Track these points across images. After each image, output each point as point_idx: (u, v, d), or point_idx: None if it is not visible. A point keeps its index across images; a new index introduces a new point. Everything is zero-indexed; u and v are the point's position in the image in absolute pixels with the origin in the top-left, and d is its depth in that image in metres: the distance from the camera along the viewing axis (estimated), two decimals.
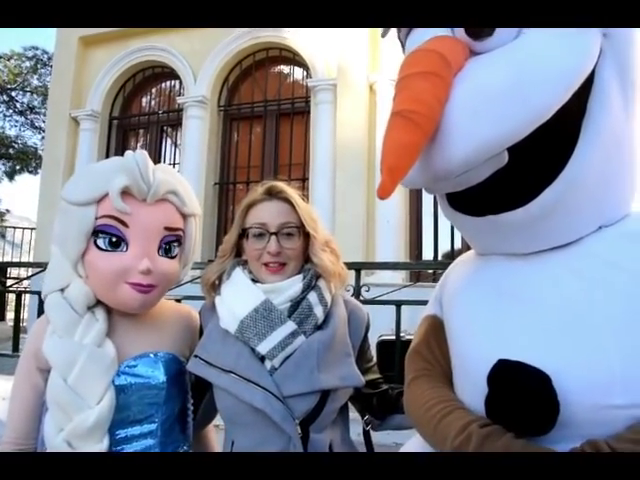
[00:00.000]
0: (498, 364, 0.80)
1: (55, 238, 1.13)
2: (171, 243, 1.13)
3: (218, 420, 1.28)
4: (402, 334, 2.81)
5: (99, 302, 1.12)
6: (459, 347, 0.94)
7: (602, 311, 0.79)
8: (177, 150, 6.52)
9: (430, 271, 5.04)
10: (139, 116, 6.74)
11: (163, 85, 6.79)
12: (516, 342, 0.82)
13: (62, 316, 1.07)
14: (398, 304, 2.78)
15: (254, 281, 1.14)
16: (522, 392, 0.76)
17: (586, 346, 0.78)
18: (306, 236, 1.15)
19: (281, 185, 1.17)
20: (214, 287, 1.19)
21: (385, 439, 1.54)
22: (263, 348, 1.07)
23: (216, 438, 1.34)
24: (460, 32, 0.85)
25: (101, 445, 1.01)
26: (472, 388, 0.86)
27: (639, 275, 0.79)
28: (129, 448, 1.08)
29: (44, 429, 1.04)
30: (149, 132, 6.66)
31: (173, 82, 6.64)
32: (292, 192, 1.17)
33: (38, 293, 3.44)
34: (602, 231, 0.87)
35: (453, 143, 0.76)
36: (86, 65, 6.70)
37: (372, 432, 1.25)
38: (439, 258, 5.35)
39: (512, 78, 0.74)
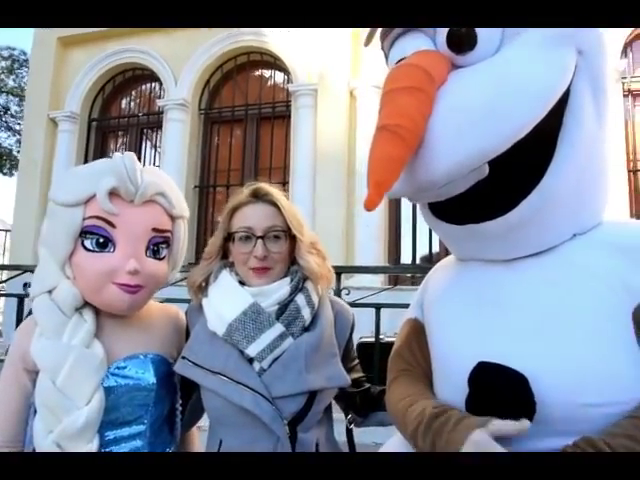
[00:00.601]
0: (478, 366, 0.84)
1: (43, 240, 1.14)
2: (159, 245, 1.14)
3: (201, 421, 1.30)
4: (381, 336, 2.85)
5: (87, 303, 1.12)
6: (440, 350, 0.98)
7: (575, 316, 0.83)
8: (157, 153, 6.49)
9: (408, 275, 5.11)
10: (119, 118, 6.69)
11: (143, 87, 6.75)
12: (495, 345, 0.86)
13: (50, 318, 1.07)
14: (378, 307, 2.82)
15: (241, 284, 1.15)
16: (501, 393, 0.80)
17: (561, 349, 0.82)
18: (292, 238, 1.16)
19: (267, 187, 1.18)
20: (200, 289, 1.20)
21: (366, 438, 1.57)
22: (252, 350, 1.08)
23: (199, 439, 1.35)
24: (442, 46, 0.89)
25: (91, 446, 1.01)
26: (452, 389, 0.90)
27: (609, 282, 0.84)
28: (118, 449, 1.08)
29: (33, 431, 1.04)
30: (129, 134, 6.62)
31: (153, 84, 6.62)
32: (278, 194, 1.17)
33: (14, 296, 3.42)
34: (576, 239, 0.91)
35: (437, 157, 0.79)
36: (65, 66, 6.62)
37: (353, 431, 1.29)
38: (417, 262, 5.43)
39: (493, 95, 0.78)
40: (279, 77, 6.24)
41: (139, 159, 1.15)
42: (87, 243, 1.09)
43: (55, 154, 6.40)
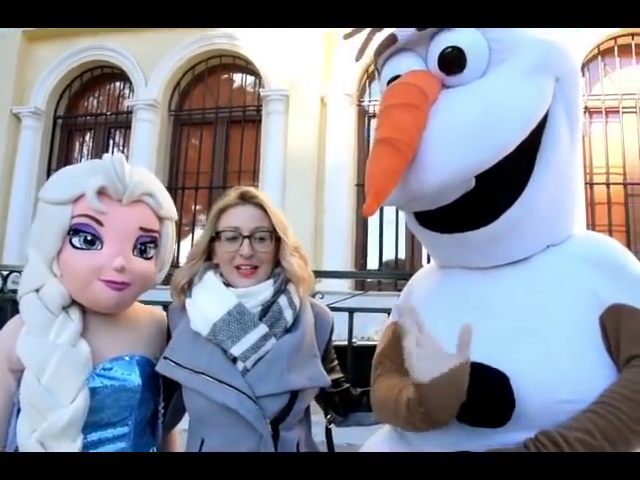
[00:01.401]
0: None
1: (31, 239, 1.15)
2: (146, 244, 1.16)
3: (184, 424, 1.31)
4: (354, 340, 2.90)
5: (74, 303, 1.13)
6: None
7: (551, 321, 0.92)
8: (124, 153, 6.40)
9: (375, 280, 5.21)
10: (85, 116, 6.55)
11: (112, 86, 6.63)
12: (478, 347, 0.91)
13: (37, 316, 1.09)
14: (351, 311, 2.86)
15: (226, 285, 1.18)
16: (485, 390, 0.87)
17: (538, 351, 0.90)
18: (277, 240, 1.20)
19: (254, 190, 1.22)
20: (184, 290, 1.22)
21: (340, 439, 1.62)
22: (236, 350, 1.11)
23: (180, 441, 1.36)
24: (434, 67, 0.98)
25: (74, 445, 1.02)
26: None
27: (580, 291, 0.93)
28: (102, 450, 1.09)
29: (17, 430, 1.04)
30: (95, 133, 6.49)
31: (122, 84, 6.52)
32: (265, 197, 1.22)
33: None
34: (549, 250, 1.01)
35: (430, 169, 0.87)
36: (30, 61, 6.44)
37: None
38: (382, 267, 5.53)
39: (482, 116, 0.87)
40: (250, 81, 6.26)
41: None
42: (75, 241, 1.11)
43: (18, 151, 6.21)
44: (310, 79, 5.62)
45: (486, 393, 0.87)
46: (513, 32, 0.98)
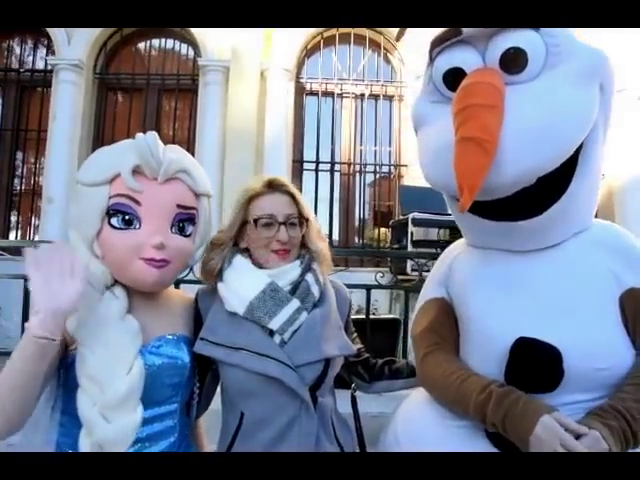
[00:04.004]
0: (520, 341, 1.03)
1: (71, 221, 1.15)
2: (184, 221, 1.15)
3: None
4: None
5: (117, 282, 1.13)
6: (479, 328, 1.14)
7: (584, 299, 1.06)
8: (41, 116, 5.89)
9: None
10: None
11: (26, 40, 6.06)
12: (528, 323, 1.04)
13: (83, 294, 1.04)
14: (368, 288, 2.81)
15: (257, 266, 1.25)
16: (539, 363, 1.00)
17: (576, 326, 1.03)
18: (303, 225, 1.28)
19: (282, 179, 1.29)
20: (216, 277, 1.25)
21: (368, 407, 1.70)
22: (274, 324, 1.17)
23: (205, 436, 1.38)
24: (494, 63, 1.05)
25: (135, 415, 1.02)
26: (490, 360, 1.08)
27: (604, 274, 1.07)
28: (151, 429, 1.09)
29: (77, 404, 1.02)
30: (5, 92, 5.92)
31: (37, 38, 5.97)
32: (292, 186, 1.29)
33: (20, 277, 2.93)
34: (577, 236, 1.13)
35: (505, 167, 0.96)
36: None
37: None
38: None
39: (551, 117, 0.96)
40: (184, 49, 6.01)
41: (18, 122, 1.15)
42: (113, 221, 1.09)
43: None
44: (251, 52, 5.52)
45: (540, 366, 1.00)
46: (568, 38, 1.06)
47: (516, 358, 1.03)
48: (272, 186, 1.27)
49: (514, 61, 1.03)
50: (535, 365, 1.01)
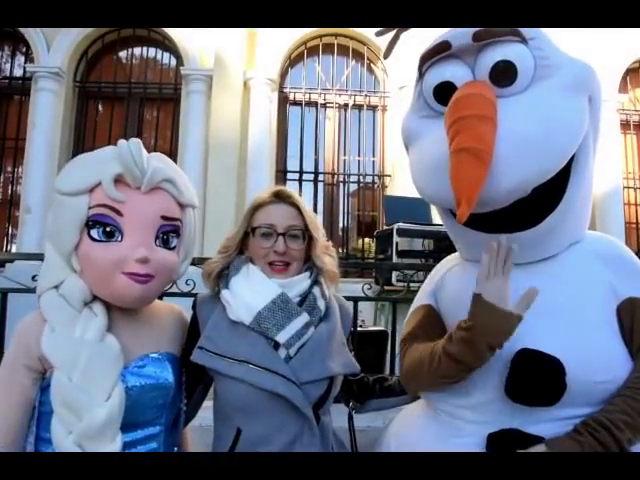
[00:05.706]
0: (522, 352, 0.99)
1: (48, 233, 1.08)
2: (169, 233, 1.10)
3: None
4: None
5: (96, 298, 1.06)
6: None
7: (583, 311, 1.04)
8: (20, 124, 5.78)
9: None
10: None
11: (4, 47, 5.95)
12: (528, 336, 1.00)
13: (60, 313, 1.01)
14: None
15: None
16: (542, 375, 0.97)
17: (575, 339, 1.01)
18: (309, 239, 1.22)
19: (289, 190, 1.25)
20: (217, 278, 1.21)
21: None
22: (281, 337, 1.12)
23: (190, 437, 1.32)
24: (484, 77, 1.04)
25: (114, 445, 0.95)
26: (490, 370, 1.03)
27: (601, 284, 1.06)
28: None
29: (52, 434, 0.95)
30: None
31: (14, 45, 5.87)
32: (299, 198, 1.24)
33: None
34: (572, 248, 1.11)
35: (499, 179, 0.94)
36: None
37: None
38: None
39: (544, 128, 0.94)
40: (166, 57, 5.96)
41: None
42: (93, 233, 1.03)
43: None
44: (233, 61, 5.50)
45: (544, 377, 0.98)
46: (556, 51, 1.06)
47: (518, 370, 1.00)
48: (278, 196, 1.23)
49: (504, 74, 1.02)
50: (538, 377, 0.98)
